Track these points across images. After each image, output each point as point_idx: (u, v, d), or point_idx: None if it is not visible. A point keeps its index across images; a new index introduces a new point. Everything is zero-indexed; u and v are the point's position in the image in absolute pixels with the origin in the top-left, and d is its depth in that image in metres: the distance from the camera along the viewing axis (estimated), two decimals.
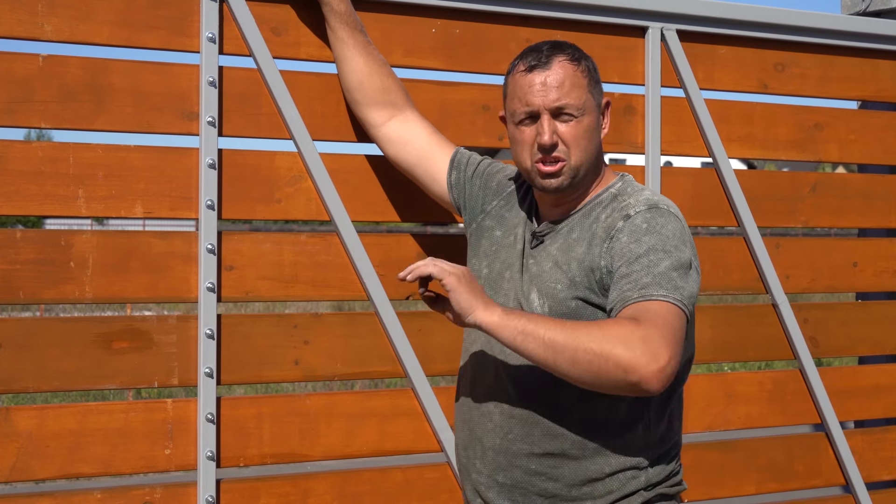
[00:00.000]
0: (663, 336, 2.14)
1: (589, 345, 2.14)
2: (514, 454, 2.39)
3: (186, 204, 2.69)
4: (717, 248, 3.33)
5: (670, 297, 2.21)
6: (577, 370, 2.16)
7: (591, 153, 2.39)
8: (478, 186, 2.66)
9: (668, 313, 2.19)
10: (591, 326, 2.17)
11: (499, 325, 2.20)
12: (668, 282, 2.23)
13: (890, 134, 3.64)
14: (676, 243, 2.29)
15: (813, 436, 3.49)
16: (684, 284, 2.24)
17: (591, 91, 2.39)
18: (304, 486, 2.79)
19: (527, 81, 2.37)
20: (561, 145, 2.36)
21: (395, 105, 2.74)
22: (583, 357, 2.14)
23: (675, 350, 2.15)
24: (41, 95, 2.56)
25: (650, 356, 2.11)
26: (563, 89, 2.35)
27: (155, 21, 2.66)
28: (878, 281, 3.62)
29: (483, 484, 2.44)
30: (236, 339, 2.73)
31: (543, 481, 2.36)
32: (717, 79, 3.35)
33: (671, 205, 2.39)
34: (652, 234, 2.29)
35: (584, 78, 2.38)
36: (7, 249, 2.54)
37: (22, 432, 2.53)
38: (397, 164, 2.78)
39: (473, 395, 2.47)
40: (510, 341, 2.20)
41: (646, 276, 2.23)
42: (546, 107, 2.36)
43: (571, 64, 2.38)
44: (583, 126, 2.37)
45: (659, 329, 2.15)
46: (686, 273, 2.26)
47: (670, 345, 2.14)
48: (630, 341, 2.12)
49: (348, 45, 2.71)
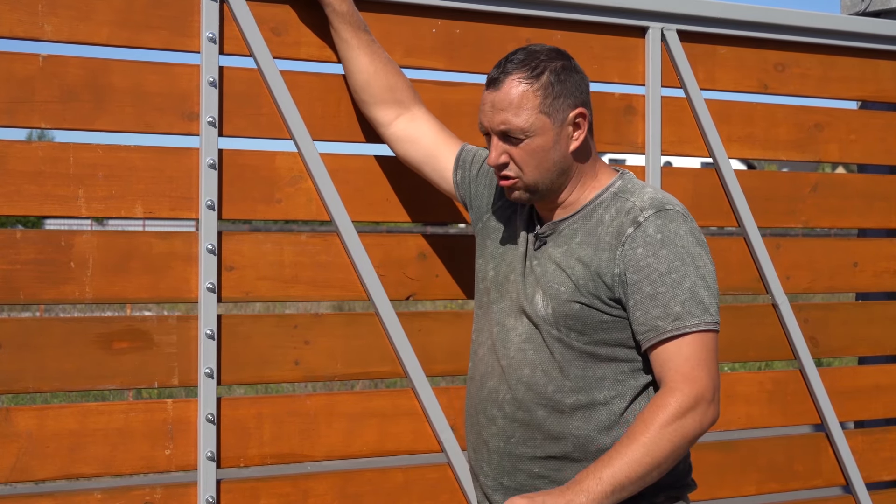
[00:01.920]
0: (702, 388, 2.26)
1: (657, 455, 2.22)
2: (518, 458, 2.39)
3: (187, 204, 2.69)
4: (717, 248, 3.32)
5: (702, 325, 2.28)
6: (665, 468, 2.25)
7: (548, 168, 2.39)
8: (483, 185, 2.66)
9: (704, 347, 2.29)
10: (641, 437, 2.23)
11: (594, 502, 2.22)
12: (696, 305, 2.28)
13: (890, 134, 3.64)
14: (693, 251, 2.33)
15: (813, 436, 3.49)
16: (712, 300, 2.31)
17: (545, 110, 2.36)
18: (305, 487, 2.79)
19: (482, 99, 2.41)
20: (512, 164, 2.39)
21: (401, 103, 2.74)
22: (663, 463, 2.23)
23: (710, 372, 2.27)
24: (41, 95, 2.56)
25: (699, 418, 2.25)
26: (509, 112, 2.36)
27: (155, 21, 2.66)
28: (878, 281, 3.62)
29: (490, 487, 2.44)
30: (236, 339, 2.73)
31: (547, 484, 2.36)
32: (717, 79, 3.35)
33: (677, 204, 2.39)
34: (668, 247, 2.31)
35: (536, 97, 2.35)
36: (7, 249, 2.53)
37: (22, 432, 2.53)
38: (407, 163, 2.79)
39: (480, 398, 2.48)
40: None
41: (674, 302, 2.28)
42: (493, 129, 2.38)
43: (525, 83, 2.35)
44: (531, 147, 2.37)
45: (697, 382, 2.26)
46: (710, 285, 2.32)
47: (710, 389, 2.27)
48: (680, 420, 2.23)
49: (352, 46, 2.71)
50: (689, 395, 2.23)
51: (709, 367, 2.27)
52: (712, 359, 2.29)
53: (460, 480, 2.89)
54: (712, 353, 2.29)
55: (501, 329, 2.45)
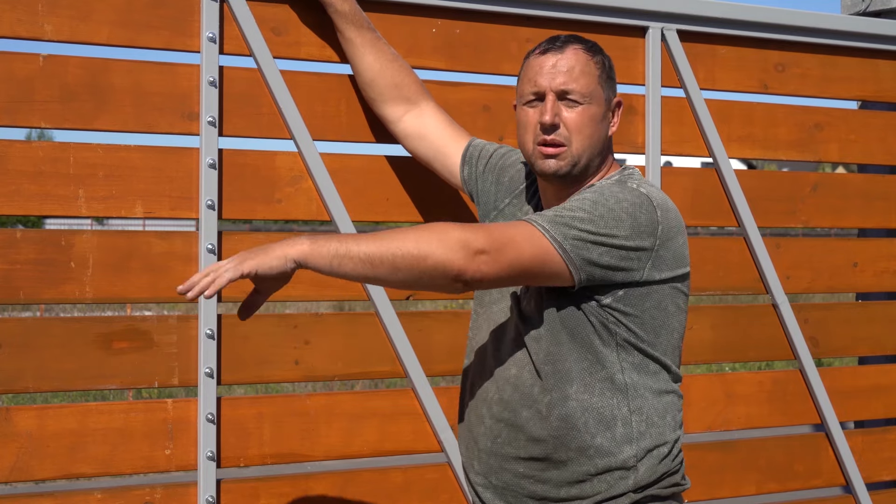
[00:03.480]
0: (487, 234, 2.16)
1: (406, 249, 2.13)
2: (504, 457, 2.39)
3: (187, 204, 2.69)
4: (717, 248, 3.32)
5: (534, 222, 2.21)
6: (401, 276, 2.15)
7: (595, 143, 2.37)
8: (490, 182, 2.66)
9: (522, 230, 2.20)
10: (408, 231, 2.16)
11: (310, 254, 2.13)
12: (556, 217, 2.22)
13: (890, 134, 3.64)
14: (611, 205, 2.25)
15: (813, 436, 3.49)
16: (578, 233, 2.21)
17: (601, 83, 2.38)
18: (305, 487, 2.79)
19: (538, 63, 2.38)
20: (563, 129, 2.35)
21: (409, 100, 2.74)
22: (402, 262, 2.13)
23: (493, 244, 2.16)
24: (41, 95, 2.56)
25: (466, 243, 2.14)
26: (572, 74, 2.35)
27: (155, 21, 2.66)
28: (878, 281, 3.62)
29: (480, 485, 2.45)
30: (236, 339, 2.73)
31: (532, 484, 2.36)
32: (717, 79, 3.35)
33: (658, 196, 2.34)
34: (594, 192, 2.29)
35: (596, 69, 2.38)
36: (7, 249, 2.53)
37: (22, 432, 2.53)
38: (417, 159, 2.79)
39: (471, 397, 2.48)
40: (327, 268, 2.15)
41: (547, 211, 2.23)
42: (552, 88, 2.35)
43: (586, 53, 2.38)
44: (588, 114, 2.36)
45: (489, 229, 2.17)
46: (583, 225, 2.22)
47: (493, 242, 2.15)
48: (447, 233, 2.14)
49: (356, 45, 2.72)
50: (463, 225, 2.16)
51: (494, 238, 2.17)
52: (509, 240, 2.19)
53: (460, 480, 2.89)
54: (517, 240, 2.19)
55: (497, 329, 2.45)
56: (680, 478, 2.41)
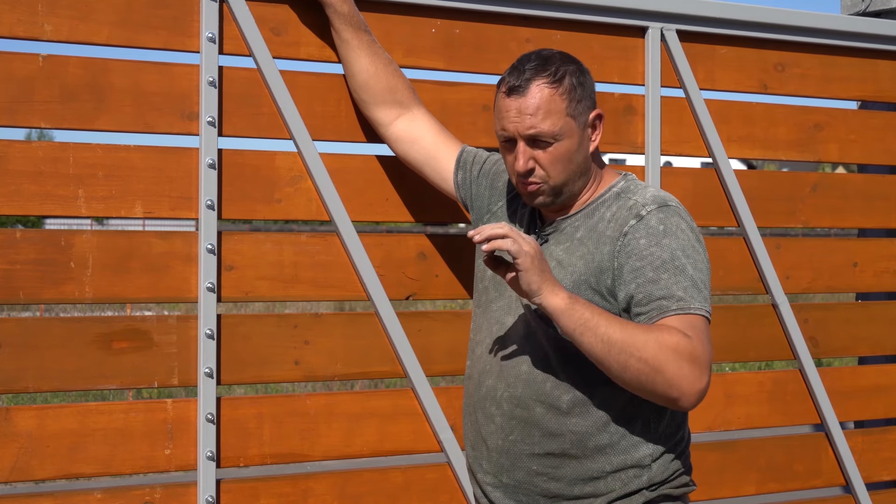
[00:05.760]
0: (706, 359, 2.24)
1: (643, 353, 2.19)
2: (516, 455, 2.39)
3: (186, 204, 2.69)
4: (717, 248, 3.32)
5: (703, 311, 2.28)
6: (626, 375, 2.22)
7: (575, 169, 2.40)
8: (484, 186, 2.66)
9: (706, 330, 2.27)
10: (648, 334, 2.21)
11: (563, 312, 2.22)
12: (698, 293, 2.28)
13: (890, 134, 3.64)
14: (694, 246, 2.33)
15: (813, 436, 3.49)
16: (707, 295, 2.32)
17: (570, 113, 2.38)
18: (305, 487, 2.79)
19: (504, 106, 2.39)
20: (538, 170, 2.38)
21: (402, 104, 2.74)
22: (634, 364, 2.20)
23: (708, 347, 2.25)
24: (41, 95, 2.56)
25: (695, 377, 2.21)
26: (537, 116, 2.35)
27: (155, 21, 2.66)
28: (878, 281, 3.62)
29: (489, 484, 2.45)
30: (236, 339, 2.73)
31: (545, 481, 2.36)
32: (717, 79, 3.35)
33: (677, 202, 2.41)
34: (671, 238, 2.32)
35: (562, 101, 2.37)
36: (7, 249, 2.53)
37: (22, 432, 2.53)
38: (407, 163, 2.79)
39: (478, 397, 2.48)
40: (570, 330, 2.23)
41: (677, 287, 2.27)
42: (521, 134, 2.37)
43: (550, 88, 2.36)
44: (560, 150, 2.37)
45: (704, 349, 2.24)
46: (706, 281, 2.32)
47: (709, 366, 2.24)
48: (681, 360, 2.20)
49: (353, 47, 2.72)
50: (691, 348, 2.22)
51: (708, 344, 2.26)
52: (710, 340, 2.28)
53: (460, 480, 2.89)
54: (710, 346, 2.28)
55: (500, 327, 2.46)
56: (689, 478, 2.43)
